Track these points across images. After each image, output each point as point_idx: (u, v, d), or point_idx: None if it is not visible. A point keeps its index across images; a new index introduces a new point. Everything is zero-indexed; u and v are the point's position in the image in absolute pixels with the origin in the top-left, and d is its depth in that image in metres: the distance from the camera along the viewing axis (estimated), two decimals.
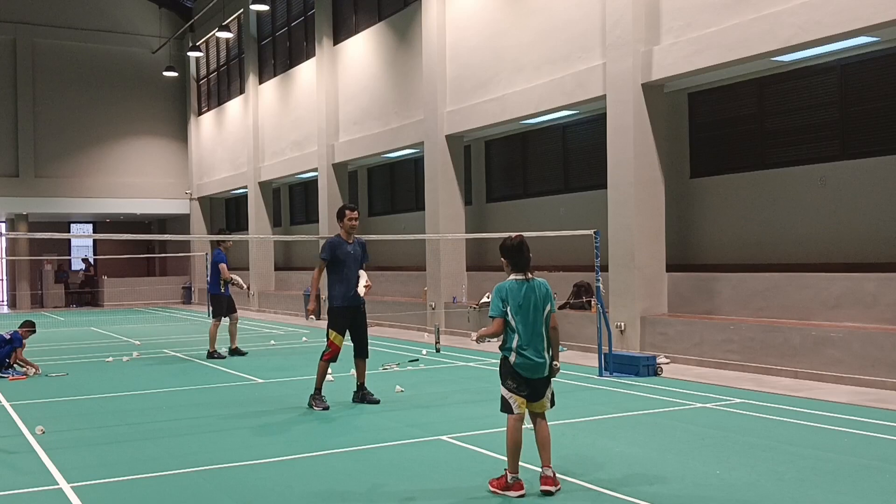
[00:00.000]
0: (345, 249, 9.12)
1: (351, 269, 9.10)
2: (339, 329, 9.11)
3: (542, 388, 5.73)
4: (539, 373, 5.69)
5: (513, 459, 5.61)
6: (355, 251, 9.21)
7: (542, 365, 5.68)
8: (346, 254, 9.10)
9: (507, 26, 15.90)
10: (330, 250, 9.10)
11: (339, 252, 9.09)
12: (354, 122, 21.95)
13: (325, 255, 9.12)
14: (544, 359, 5.70)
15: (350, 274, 9.09)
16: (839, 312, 10.90)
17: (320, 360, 9.15)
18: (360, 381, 9.37)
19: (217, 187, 32.10)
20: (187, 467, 6.55)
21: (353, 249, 9.18)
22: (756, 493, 5.54)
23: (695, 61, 11.75)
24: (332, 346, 9.08)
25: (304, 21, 25.11)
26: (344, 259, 9.08)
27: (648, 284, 12.68)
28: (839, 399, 8.88)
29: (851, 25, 9.89)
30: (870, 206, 11.63)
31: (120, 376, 12.21)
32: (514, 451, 5.61)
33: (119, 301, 33.13)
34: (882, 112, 11.59)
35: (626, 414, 8.38)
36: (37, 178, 32.11)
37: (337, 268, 9.10)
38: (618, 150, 12.86)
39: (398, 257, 22.45)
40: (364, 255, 9.34)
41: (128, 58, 33.78)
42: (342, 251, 9.10)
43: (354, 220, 9.20)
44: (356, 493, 5.76)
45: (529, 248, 5.83)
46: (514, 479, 5.60)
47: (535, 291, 5.74)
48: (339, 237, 9.24)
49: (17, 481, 6.25)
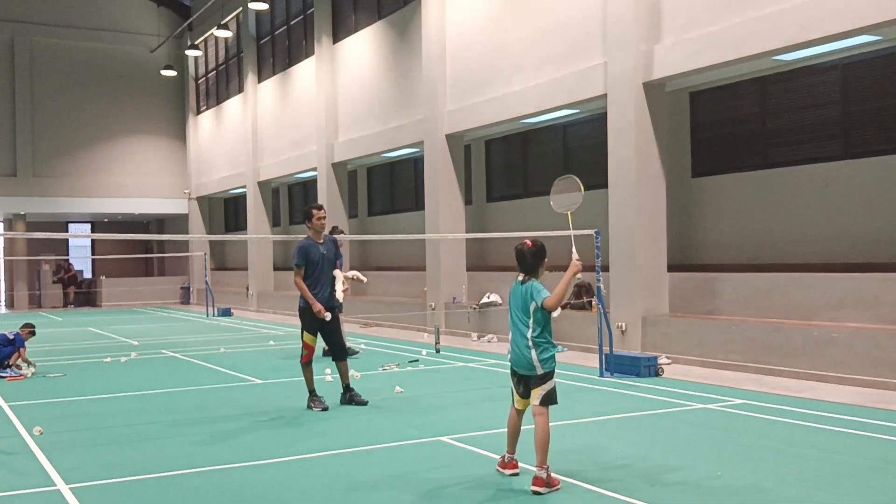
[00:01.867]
0: (317, 251, 8.99)
1: (324, 270, 9.00)
2: (310, 329, 9.02)
3: (528, 385, 5.84)
4: (520, 367, 5.85)
5: (508, 440, 6.04)
6: (328, 251, 9.09)
7: (522, 359, 5.82)
8: (318, 255, 8.98)
9: (508, 25, 15.86)
10: (303, 255, 8.95)
11: (312, 255, 8.96)
12: (354, 122, 21.91)
13: (299, 260, 8.95)
14: (525, 356, 5.79)
15: (322, 276, 8.98)
16: (841, 313, 10.86)
17: (301, 365, 9.13)
18: (343, 382, 9.25)
19: (216, 187, 32.06)
20: (186, 468, 6.51)
21: (325, 250, 9.06)
22: (758, 495, 5.49)
23: (696, 60, 11.71)
24: (305, 346, 9.04)
25: (304, 20, 25.07)
26: (317, 261, 8.96)
27: (649, 284, 12.64)
28: (841, 400, 8.84)
29: (853, 24, 9.85)
30: (872, 206, 11.59)
31: (118, 377, 12.16)
32: (508, 434, 6.04)
33: (117, 301, 33.08)
34: (884, 111, 11.55)
35: (627, 415, 8.34)
36: (34, 178, 32.07)
37: (309, 270, 8.95)
38: (619, 150, 12.83)
39: (398, 257, 22.41)
40: (337, 252, 9.26)
41: (126, 57, 33.74)
42: (315, 253, 8.97)
43: (323, 220, 9.09)
44: (356, 493, 5.72)
45: (536, 254, 5.91)
46: (510, 458, 5.99)
47: (520, 292, 5.90)
48: (309, 239, 9.08)
49: (14, 482, 6.20)
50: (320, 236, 9.12)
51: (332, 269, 9.10)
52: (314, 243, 9.04)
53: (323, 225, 9.12)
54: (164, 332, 20.32)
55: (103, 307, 32.68)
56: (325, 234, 9.21)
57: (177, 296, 34.62)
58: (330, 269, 9.09)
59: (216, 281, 30.58)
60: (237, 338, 18.11)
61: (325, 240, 9.15)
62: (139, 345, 16.73)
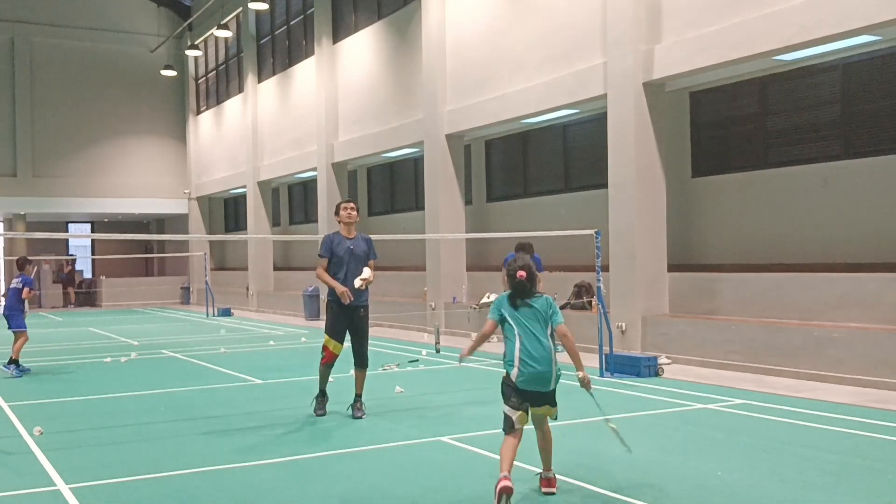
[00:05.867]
0: (343, 245, 8.58)
1: (350, 267, 8.52)
2: (332, 333, 8.50)
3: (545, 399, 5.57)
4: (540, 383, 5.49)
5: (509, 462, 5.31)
6: (357, 247, 8.61)
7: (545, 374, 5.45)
8: (344, 250, 8.55)
9: (508, 25, 15.85)
10: (328, 246, 8.60)
11: (336, 248, 8.57)
12: (354, 122, 21.90)
13: (324, 251, 8.61)
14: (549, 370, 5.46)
15: (349, 272, 8.50)
16: (841, 313, 10.86)
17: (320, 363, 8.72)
18: (357, 390, 8.68)
19: (216, 187, 32.06)
20: (186, 468, 6.50)
21: (353, 245, 8.61)
22: (757, 495, 5.49)
23: (696, 60, 11.71)
24: (324, 350, 8.57)
25: (304, 20, 25.07)
26: (342, 255, 8.54)
27: (649, 284, 12.64)
28: (841, 400, 8.83)
29: (853, 24, 9.86)
30: (872, 206, 11.59)
31: (118, 377, 12.16)
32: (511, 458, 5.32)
33: (117, 301, 33.07)
34: (884, 111, 11.56)
35: (627, 415, 8.34)
36: (34, 178, 32.07)
37: (335, 266, 8.55)
38: (619, 150, 12.82)
39: (398, 257, 22.40)
40: (370, 251, 8.75)
41: (126, 57, 33.73)
42: (340, 247, 8.57)
43: (350, 210, 8.69)
44: (356, 494, 5.72)
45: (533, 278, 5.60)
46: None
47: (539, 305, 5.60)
48: (337, 233, 8.73)
49: (14, 482, 6.20)
50: (350, 231, 8.69)
51: (360, 266, 8.55)
52: (342, 237, 8.65)
53: (352, 217, 8.67)
54: (164, 332, 20.32)
55: (103, 307, 32.67)
56: (356, 232, 8.75)
57: (177, 296, 34.61)
58: (357, 265, 8.54)
59: (216, 281, 30.57)
60: (237, 338, 18.11)
61: (357, 236, 8.73)
62: (139, 345, 16.73)
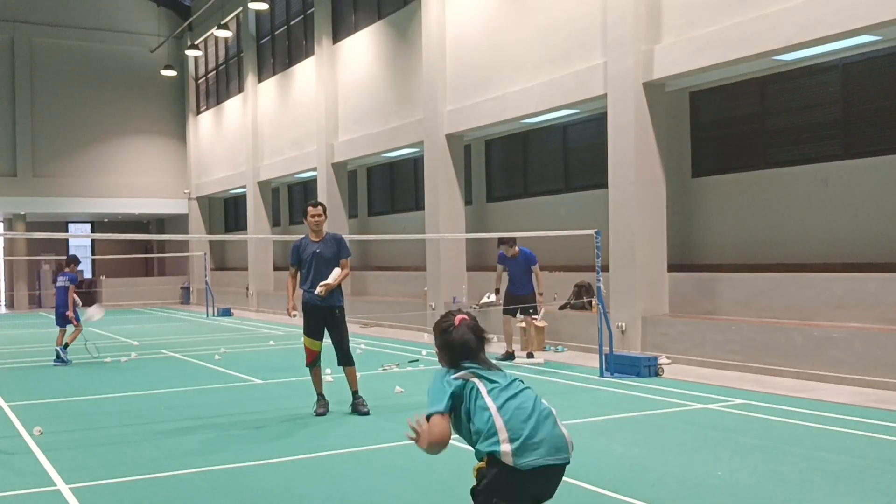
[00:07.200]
0: (309, 250, 8.71)
1: (318, 269, 8.62)
2: (308, 332, 8.72)
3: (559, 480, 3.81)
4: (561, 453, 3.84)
5: None
6: (325, 249, 8.68)
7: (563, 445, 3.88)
8: (310, 254, 8.68)
9: (508, 25, 15.85)
10: (294, 254, 8.82)
11: (303, 254, 8.76)
12: (354, 122, 21.90)
13: (292, 259, 8.85)
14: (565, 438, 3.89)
15: (315, 275, 8.62)
16: (841, 313, 10.86)
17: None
18: (351, 388, 8.85)
19: (216, 187, 32.05)
20: (186, 468, 6.51)
21: (320, 248, 8.67)
22: (757, 495, 5.49)
23: (696, 60, 11.71)
24: (306, 349, 8.81)
25: (304, 20, 25.06)
26: (309, 260, 8.69)
27: (649, 284, 12.64)
28: (841, 400, 8.83)
29: (853, 24, 9.85)
30: (872, 206, 11.59)
31: (118, 377, 12.16)
32: None
33: (117, 301, 33.06)
34: (884, 111, 11.55)
35: (627, 415, 8.34)
36: (34, 178, 32.05)
37: (304, 270, 8.75)
38: (618, 150, 12.82)
39: (398, 257, 22.41)
40: (340, 250, 8.79)
41: (126, 57, 33.72)
42: (306, 252, 8.73)
43: (316, 217, 8.77)
44: (356, 494, 5.72)
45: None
46: None
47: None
48: (305, 238, 8.88)
49: (14, 482, 6.20)
50: (318, 234, 8.81)
51: (329, 267, 8.64)
52: (308, 242, 8.80)
53: (318, 222, 8.77)
54: (164, 332, 20.32)
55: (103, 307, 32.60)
56: (326, 231, 8.88)
57: (177, 296, 34.60)
58: (326, 267, 8.63)
59: (216, 281, 30.57)
60: (237, 338, 18.11)
61: (325, 238, 8.81)
62: (139, 345, 16.73)
